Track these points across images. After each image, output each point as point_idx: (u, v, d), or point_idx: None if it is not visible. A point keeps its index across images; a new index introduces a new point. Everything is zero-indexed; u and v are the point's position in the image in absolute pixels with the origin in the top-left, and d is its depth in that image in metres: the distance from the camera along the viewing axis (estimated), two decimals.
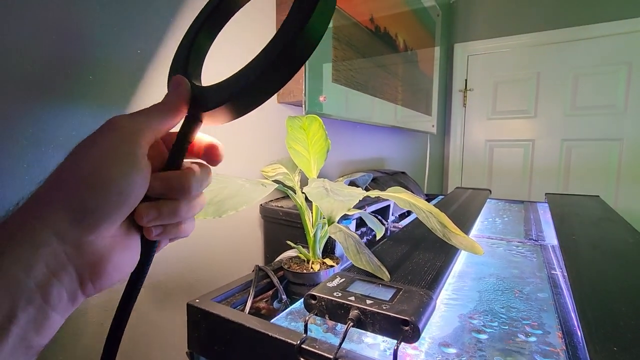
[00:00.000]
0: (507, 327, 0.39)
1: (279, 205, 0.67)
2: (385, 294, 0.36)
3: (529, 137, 2.12)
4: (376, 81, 1.04)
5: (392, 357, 0.30)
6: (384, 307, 0.33)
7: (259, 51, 0.23)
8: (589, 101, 1.95)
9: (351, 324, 0.33)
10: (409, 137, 1.68)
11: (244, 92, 0.23)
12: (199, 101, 0.25)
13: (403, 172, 1.26)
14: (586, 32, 1.91)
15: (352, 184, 0.68)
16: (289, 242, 0.55)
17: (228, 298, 0.47)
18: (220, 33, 0.30)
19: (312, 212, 0.54)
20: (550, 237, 0.76)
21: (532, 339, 0.37)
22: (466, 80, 2.27)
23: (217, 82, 0.24)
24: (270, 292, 0.55)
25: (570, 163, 2.03)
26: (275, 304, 0.56)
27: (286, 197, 0.76)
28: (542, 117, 2.08)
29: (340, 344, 0.32)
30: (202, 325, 0.41)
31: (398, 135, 1.52)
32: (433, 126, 1.74)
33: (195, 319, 0.42)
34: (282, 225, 0.66)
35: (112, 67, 0.45)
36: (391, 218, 0.87)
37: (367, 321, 0.33)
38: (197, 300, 0.43)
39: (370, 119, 1.04)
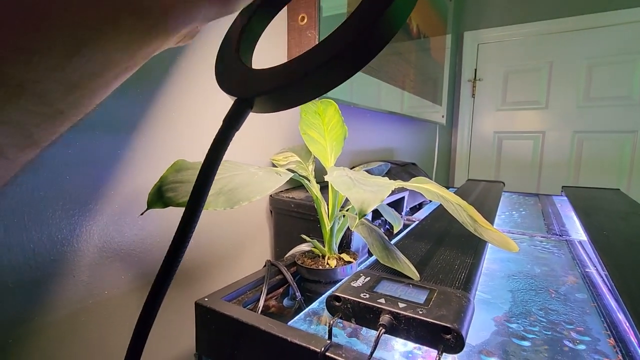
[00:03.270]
0: (550, 333, 0.35)
1: (291, 197, 0.63)
2: (419, 296, 0.32)
3: (539, 128, 2.07)
4: (389, 66, 0.99)
5: None
6: (420, 312, 0.29)
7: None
8: (603, 92, 1.89)
9: (383, 330, 0.29)
10: (418, 128, 1.63)
11: (301, 81, 0.19)
12: (251, 83, 0.21)
13: (413, 164, 1.21)
14: (602, 20, 1.85)
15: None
16: (303, 236, 0.52)
17: (239, 296, 0.44)
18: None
19: (328, 204, 0.50)
20: (575, 232, 0.72)
21: (581, 346, 0.33)
22: (476, 69, 2.21)
23: (270, 66, 0.21)
24: (281, 290, 0.52)
25: (581, 156, 1.98)
26: (286, 302, 0.53)
27: (297, 187, 0.72)
28: (554, 109, 2.02)
29: (372, 353, 0.28)
30: (212, 327, 0.38)
31: (406, 126, 1.47)
32: (442, 117, 1.69)
33: (204, 319, 0.38)
34: (294, 217, 0.62)
35: None
36: (405, 211, 0.83)
37: (401, 327, 0.29)
38: (206, 299, 0.39)
39: (382, 106, 0.99)
